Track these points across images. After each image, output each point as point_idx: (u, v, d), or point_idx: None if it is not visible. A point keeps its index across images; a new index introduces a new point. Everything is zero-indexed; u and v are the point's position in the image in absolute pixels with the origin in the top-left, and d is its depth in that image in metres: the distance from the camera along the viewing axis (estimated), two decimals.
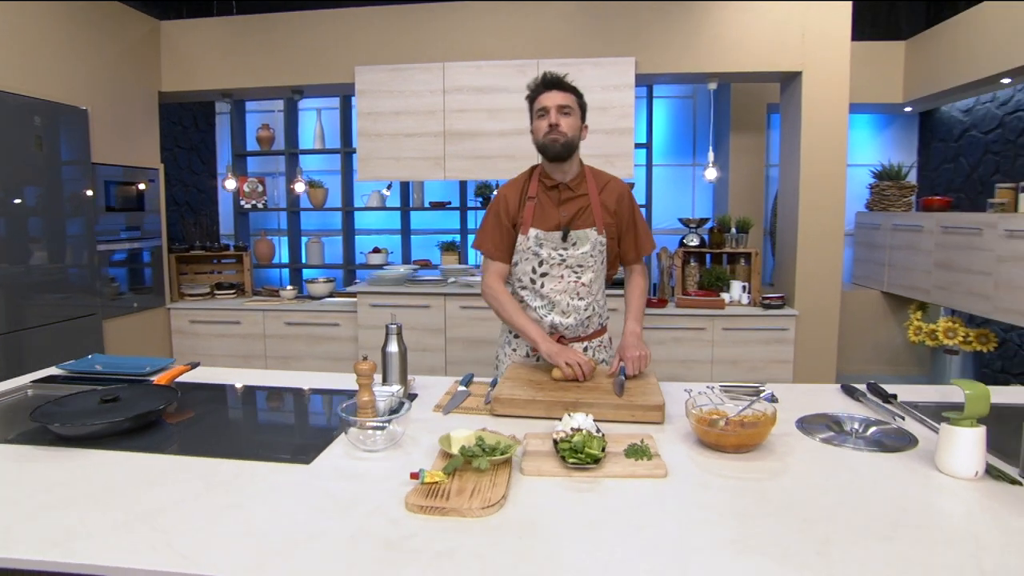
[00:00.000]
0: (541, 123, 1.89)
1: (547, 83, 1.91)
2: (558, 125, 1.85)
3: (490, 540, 1.03)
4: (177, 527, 1.06)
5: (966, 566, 0.97)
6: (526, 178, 2.01)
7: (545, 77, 1.93)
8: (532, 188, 1.97)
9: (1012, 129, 4.10)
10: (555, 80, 1.91)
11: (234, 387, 1.91)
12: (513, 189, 2.00)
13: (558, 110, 1.86)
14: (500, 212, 1.98)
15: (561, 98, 1.88)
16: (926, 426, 1.57)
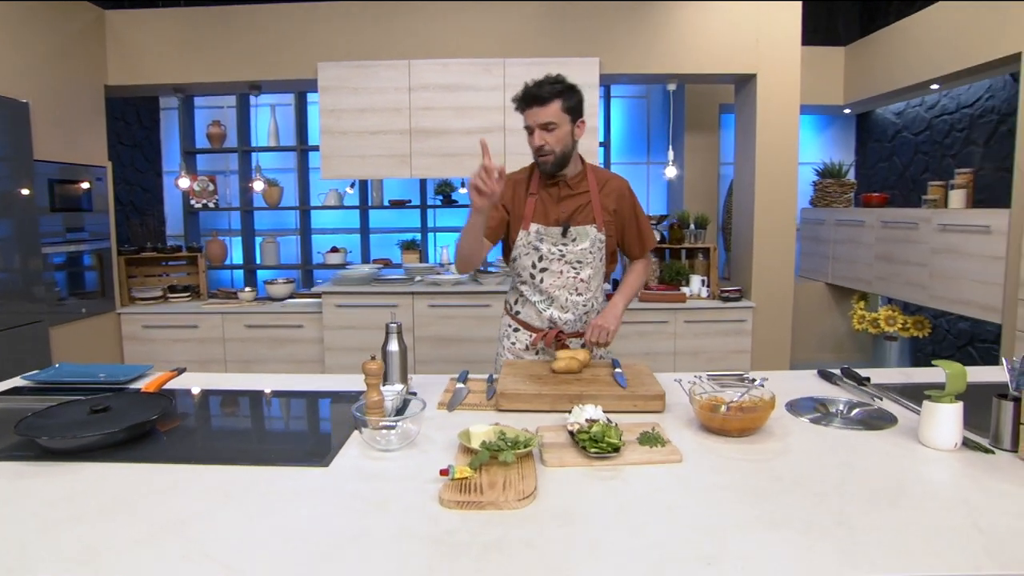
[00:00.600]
0: (530, 140, 1.90)
1: (527, 99, 1.86)
2: (544, 145, 1.85)
3: (533, 530, 1.06)
4: (209, 537, 1.03)
5: (964, 526, 1.07)
6: (527, 173, 2.03)
7: (526, 92, 1.87)
8: (534, 185, 1.99)
9: (938, 131, 4.42)
10: (534, 95, 1.85)
11: (221, 392, 1.86)
12: (517, 181, 2.01)
13: (542, 129, 1.85)
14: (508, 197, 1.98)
15: (543, 115, 1.84)
16: (901, 405, 1.69)
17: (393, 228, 5.23)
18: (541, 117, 1.85)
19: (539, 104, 1.84)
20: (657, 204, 5.36)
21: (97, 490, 1.21)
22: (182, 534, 1.04)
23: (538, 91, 1.85)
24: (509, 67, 3.75)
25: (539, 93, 1.84)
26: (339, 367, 3.88)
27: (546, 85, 1.86)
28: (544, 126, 1.85)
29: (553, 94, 1.85)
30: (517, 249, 2.01)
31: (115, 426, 1.42)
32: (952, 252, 3.60)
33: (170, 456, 1.37)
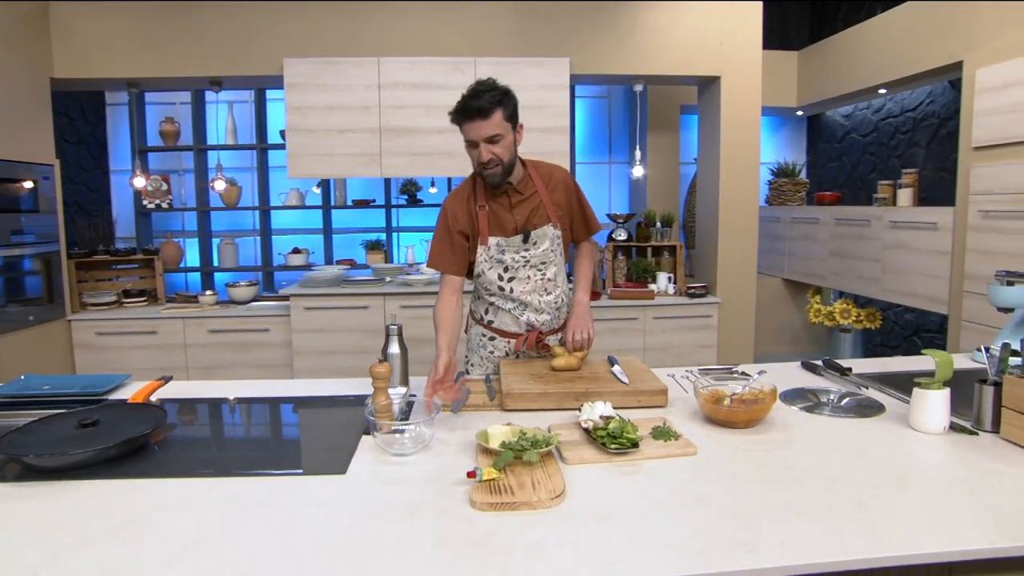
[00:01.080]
0: (472, 153, 1.80)
1: (467, 112, 1.72)
2: (492, 159, 1.76)
3: (571, 528, 1.06)
4: (237, 553, 0.99)
5: (971, 503, 1.14)
6: (470, 187, 1.94)
7: (465, 106, 1.72)
8: (480, 196, 1.91)
9: (884, 133, 4.66)
10: (475, 108, 1.70)
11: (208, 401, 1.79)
12: (458, 202, 1.93)
13: (487, 142, 1.74)
14: (450, 227, 1.92)
15: (487, 128, 1.72)
16: (885, 393, 1.78)
17: (356, 228, 5.14)
18: (485, 131, 1.72)
19: (481, 117, 1.71)
20: (620, 203, 5.45)
21: (103, 510, 1.14)
22: (207, 551, 1.00)
23: (479, 103, 1.70)
24: (480, 66, 3.74)
25: (480, 105, 1.70)
26: (308, 371, 3.79)
27: (485, 94, 1.71)
28: (490, 139, 1.74)
29: (494, 103, 1.71)
30: (480, 265, 1.96)
31: (108, 441, 1.35)
32: (902, 248, 3.81)
33: (172, 470, 1.31)
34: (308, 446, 1.49)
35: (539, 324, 2.03)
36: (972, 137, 3.26)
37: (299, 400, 1.80)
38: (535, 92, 3.79)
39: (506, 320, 2.03)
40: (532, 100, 3.82)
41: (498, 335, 2.05)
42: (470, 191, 1.94)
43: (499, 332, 2.05)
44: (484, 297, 2.04)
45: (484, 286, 2.01)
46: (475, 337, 2.12)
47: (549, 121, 3.86)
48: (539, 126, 3.84)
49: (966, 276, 3.31)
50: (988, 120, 3.17)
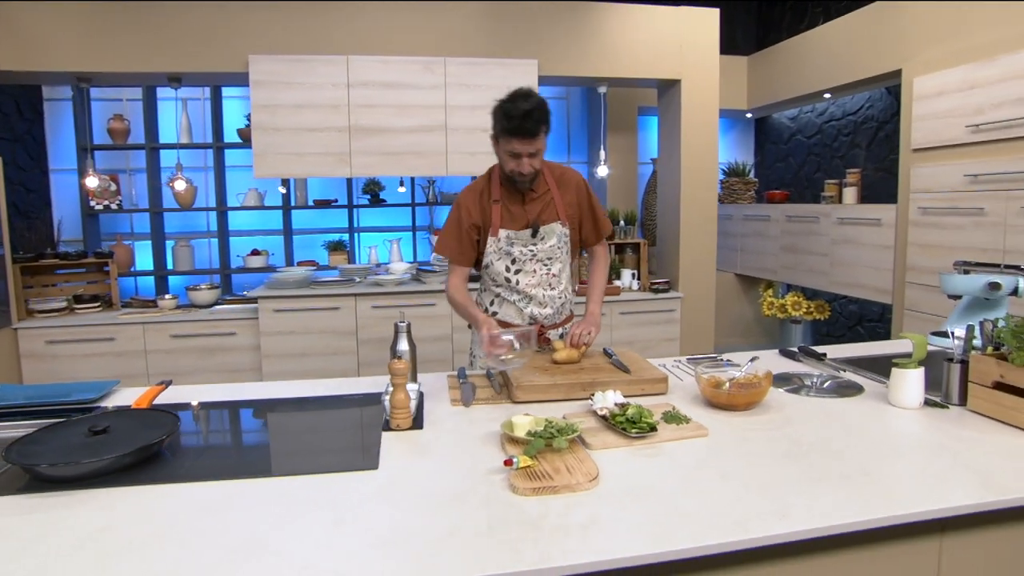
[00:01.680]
0: (510, 162, 1.90)
1: (521, 132, 1.82)
2: (529, 172, 1.90)
3: (614, 506, 1.13)
4: (299, 549, 1.00)
5: (957, 467, 1.28)
6: (485, 183, 2.05)
7: (522, 123, 1.81)
8: (495, 191, 2.01)
9: (828, 135, 4.96)
10: (528, 129, 1.82)
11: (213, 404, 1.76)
12: (472, 196, 2.04)
13: (529, 157, 1.87)
14: (461, 219, 2.02)
15: (533, 145, 1.85)
16: (859, 375, 1.93)
17: (317, 229, 5.05)
18: (531, 147, 1.86)
19: (532, 136, 1.84)
20: None
21: (140, 516, 1.12)
22: (267, 549, 1.00)
23: (531, 125, 1.82)
24: (450, 66, 3.76)
25: (533, 128, 1.83)
26: (278, 374, 3.72)
27: (534, 113, 1.82)
28: (533, 154, 1.88)
29: (540, 123, 1.85)
30: (488, 256, 2.05)
31: (124, 448, 1.31)
32: (849, 243, 4.07)
33: (197, 474, 1.28)
34: (329, 445, 1.49)
35: (542, 318, 2.10)
36: (911, 140, 3.52)
37: (300, 401, 1.78)
38: (504, 92, 3.83)
39: (510, 312, 2.11)
40: None
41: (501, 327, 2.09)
42: (484, 186, 2.04)
43: (503, 324, 2.10)
44: (491, 288, 2.12)
45: (492, 277, 2.09)
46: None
47: None
48: None
49: (908, 268, 3.58)
50: (925, 124, 3.44)
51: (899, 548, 1.17)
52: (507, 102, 1.86)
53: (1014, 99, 2.98)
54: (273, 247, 4.91)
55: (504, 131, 1.87)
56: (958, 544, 1.21)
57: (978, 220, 3.16)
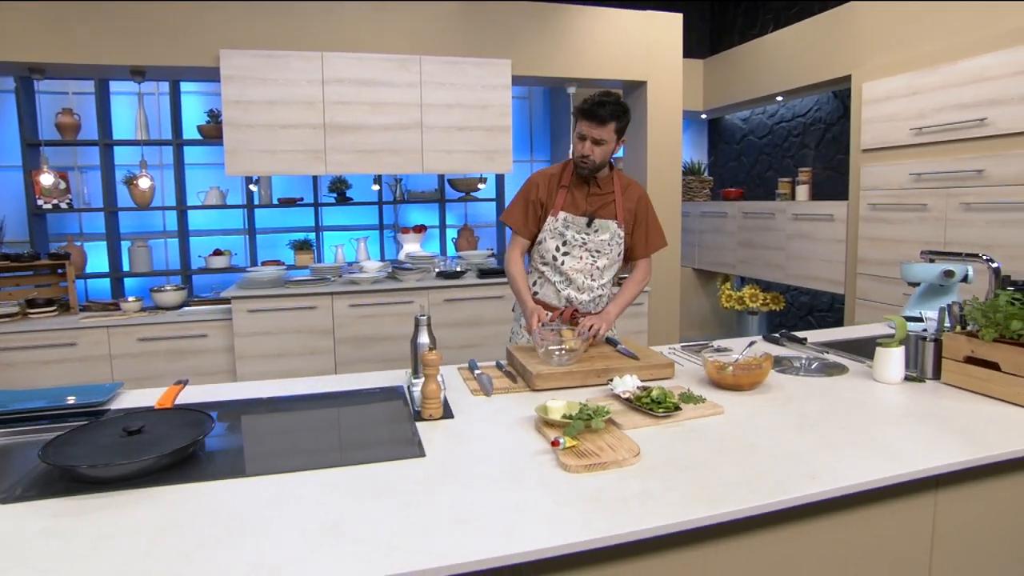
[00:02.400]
0: (576, 144, 2.09)
1: (590, 114, 2.01)
2: (590, 155, 2.07)
3: (662, 477, 1.21)
4: (379, 531, 1.03)
5: (948, 429, 1.44)
6: (560, 169, 2.23)
7: (590, 107, 2.02)
8: (566, 178, 2.19)
9: (778, 135, 5.25)
10: (597, 114, 2.01)
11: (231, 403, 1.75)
12: (546, 177, 2.22)
13: (593, 142, 2.05)
14: (529, 195, 2.20)
15: (598, 132, 2.03)
16: (841, 356, 2.10)
17: (281, 228, 4.96)
18: (596, 134, 2.03)
19: (598, 122, 2.02)
20: None
21: (202, 512, 1.11)
22: (348, 534, 1.02)
23: (602, 111, 2.01)
24: (426, 64, 3.78)
25: (602, 114, 2.01)
26: (254, 375, 3.65)
27: (608, 105, 2.02)
28: (596, 141, 2.05)
29: (611, 116, 2.02)
30: (544, 232, 2.19)
31: (164, 447, 1.31)
32: (804, 237, 4.34)
33: (242, 470, 1.29)
34: (370, 437, 1.51)
35: (577, 303, 2.22)
36: (861, 141, 3.79)
37: (319, 397, 1.79)
38: (479, 92, 3.90)
39: (549, 293, 2.24)
40: (476, 99, 3.93)
41: (540, 306, 2.20)
42: (558, 171, 2.22)
43: (540, 303, 2.22)
44: (537, 266, 2.26)
45: (541, 254, 2.22)
46: (519, 312, 2.34)
47: (492, 120, 3.98)
48: (483, 125, 3.95)
49: (859, 260, 3.85)
50: (873, 127, 3.71)
51: (902, 503, 1.32)
52: (593, 95, 2.07)
53: (953, 105, 3.26)
54: (235, 247, 4.79)
55: (577, 111, 2.06)
56: (949, 497, 1.36)
57: (922, 215, 3.44)
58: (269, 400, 1.77)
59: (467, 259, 4.37)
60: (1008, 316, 1.62)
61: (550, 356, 1.86)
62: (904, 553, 1.35)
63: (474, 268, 4.26)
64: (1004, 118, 3.07)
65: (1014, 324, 1.60)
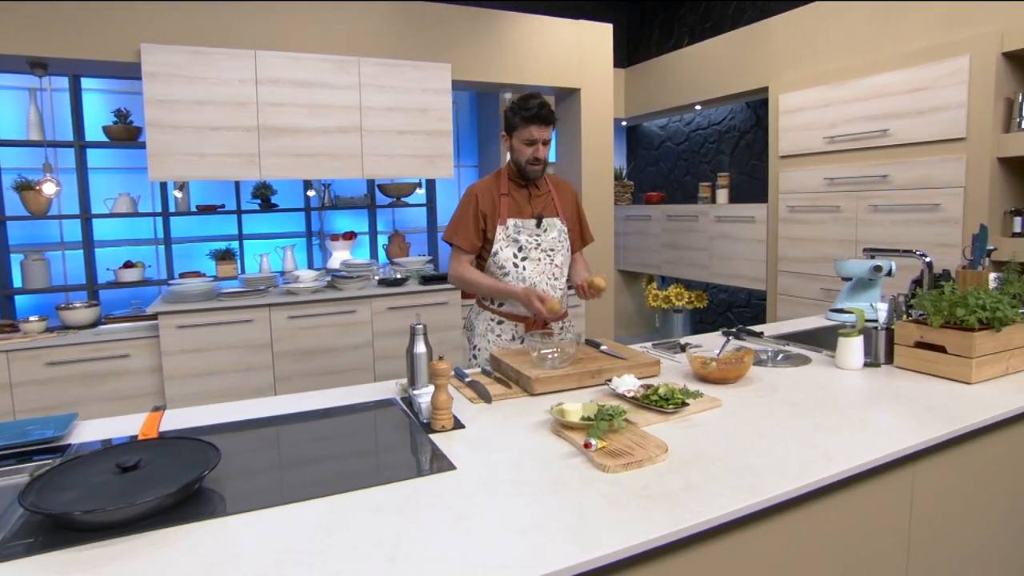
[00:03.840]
0: (525, 149, 2.13)
1: (539, 118, 2.08)
2: (542, 157, 2.14)
3: (697, 469, 1.26)
4: (438, 547, 1.00)
5: (916, 408, 1.59)
6: (494, 180, 2.25)
7: (539, 111, 2.08)
8: (503, 186, 2.22)
9: (694, 142, 5.56)
10: (545, 116, 2.09)
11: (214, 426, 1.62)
12: (484, 188, 2.23)
13: (543, 145, 2.12)
14: (474, 208, 2.19)
15: (547, 132, 2.11)
16: (801, 348, 2.26)
17: (197, 237, 4.63)
18: (546, 134, 2.12)
19: (547, 124, 2.11)
20: None
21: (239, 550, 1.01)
22: (411, 554, 0.98)
23: (548, 113, 2.10)
24: (364, 66, 3.67)
25: (547, 115, 2.09)
26: (185, 397, 3.38)
27: (547, 107, 2.10)
28: (545, 141, 2.13)
29: (552, 116, 2.13)
30: (497, 243, 2.18)
31: (169, 484, 1.17)
32: (726, 238, 4.62)
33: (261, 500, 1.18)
34: (391, 454, 1.45)
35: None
36: (779, 148, 4.10)
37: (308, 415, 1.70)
38: (419, 95, 3.84)
39: (519, 306, 2.21)
40: (416, 103, 3.87)
41: (507, 319, 2.26)
42: (493, 182, 2.24)
43: (507, 316, 2.24)
44: (499, 277, 2.23)
45: (499, 265, 2.19)
46: (483, 323, 2.29)
47: (432, 124, 3.94)
48: (424, 129, 3.90)
49: (780, 258, 4.16)
50: (789, 135, 4.03)
51: (888, 478, 1.44)
52: (521, 99, 2.13)
53: (860, 117, 3.61)
54: (147, 258, 4.41)
55: (523, 120, 2.09)
56: (925, 468, 1.51)
57: (835, 216, 3.78)
58: (258, 421, 1.65)
59: (404, 266, 4.28)
60: (953, 304, 1.82)
61: (543, 360, 1.87)
62: (891, 523, 1.48)
63: (414, 275, 4.18)
64: (903, 130, 3.44)
65: (958, 311, 1.80)
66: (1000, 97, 3.12)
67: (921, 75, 3.34)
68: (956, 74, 3.20)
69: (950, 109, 3.24)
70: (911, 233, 3.45)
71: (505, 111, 2.18)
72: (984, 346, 1.77)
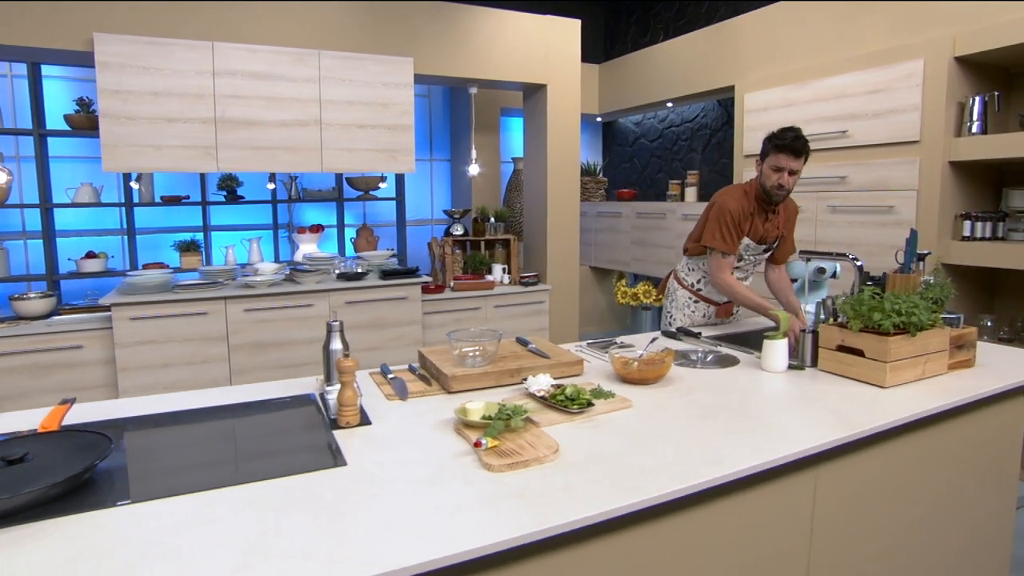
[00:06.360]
0: (772, 175, 2.32)
1: (794, 149, 2.26)
2: (786, 186, 2.32)
3: (583, 470, 1.27)
4: (307, 547, 1.00)
5: (826, 411, 1.60)
6: (743, 196, 2.43)
7: (793, 142, 2.25)
8: (750, 205, 2.43)
9: (668, 139, 5.56)
10: (799, 149, 2.26)
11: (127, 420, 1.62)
12: (740, 204, 2.42)
13: (790, 173, 2.30)
14: (738, 220, 2.41)
15: (798, 164, 2.28)
16: (733, 349, 2.28)
17: (164, 228, 4.61)
18: (796, 166, 2.29)
19: (800, 156, 2.28)
20: (442, 200, 5.66)
21: (113, 541, 1.02)
22: (277, 550, 0.99)
23: (803, 146, 2.27)
24: (324, 59, 3.65)
25: (803, 148, 2.27)
26: (139, 389, 3.37)
27: (802, 139, 2.28)
28: (793, 172, 2.30)
29: (805, 148, 2.30)
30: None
31: (54, 476, 1.18)
32: None
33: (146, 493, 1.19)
34: (286, 448, 1.45)
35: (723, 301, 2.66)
36: (744, 147, 4.11)
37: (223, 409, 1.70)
38: (380, 89, 3.82)
39: (713, 292, 2.63)
40: (377, 97, 3.85)
41: (703, 300, 2.66)
42: (743, 198, 2.42)
43: (704, 299, 2.65)
44: (701, 268, 2.61)
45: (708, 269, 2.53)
46: (681, 298, 2.70)
47: (394, 119, 3.92)
48: (385, 123, 3.89)
49: None
50: (754, 134, 4.03)
51: (789, 480, 1.46)
52: (780, 130, 2.33)
53: (821, 118, 3.62)
54: (111, 249, 4.39)
55: (776, 148, 2.30)
56: (828, 471, 1.53)
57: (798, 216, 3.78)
58: (171, 415, 1.65)
59: (368, 260, 4.28)
60: (871, 308, 1.83)
61: (464, 358, 1.88)
62: (791, 526, 1.49)
63: (376, 269, 4.18)
64: (861, 131, 3.45)
65: (875, 315, 1.81)
66: (952, 101, 3.13)
67: (878, 77, 3.35)
68: (911, 77, 3.21)
69: (905, 112, 3.25)
70: (868, 235, 3.46)
71: (764, 138, 2.37)
72: (899, 350, 1.79)
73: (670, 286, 2.79)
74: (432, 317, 4.16)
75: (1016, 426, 2.07)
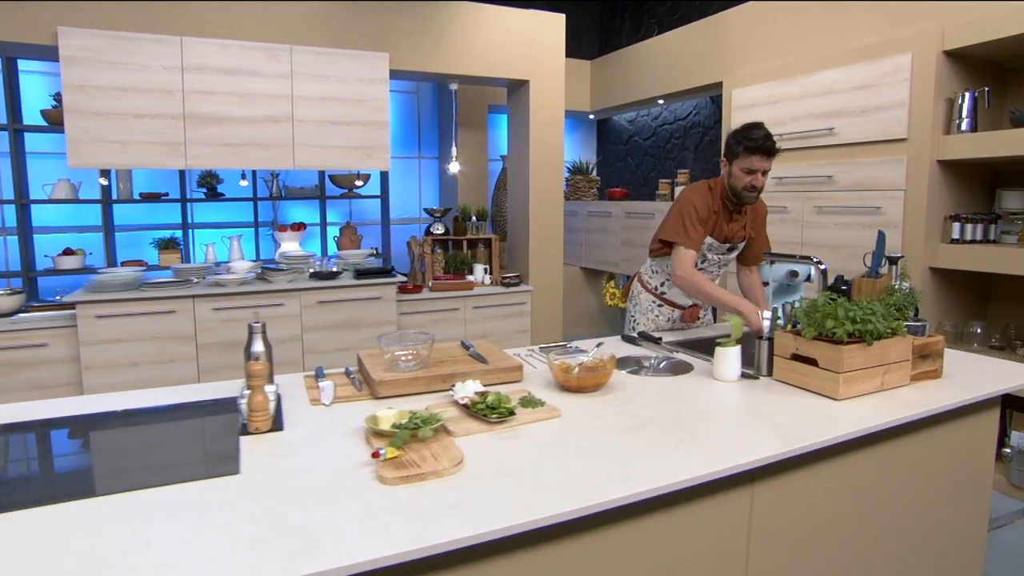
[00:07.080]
0: (744, 177, 2.25)
1: (765, 149, 2.19)
2: (759, 187, 2.26)
3: (480, 486, 1.18)
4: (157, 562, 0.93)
5: (764, 425, 1.50)
6: (708, 193, 2.36)
7: (764, 143, 2.19)
8: (716, 204, 2.36)
9: (661, 137, 5.45)
10: (770, 148, 2.20)
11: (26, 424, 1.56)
12: (705, 201, 2.35)
13: (763, 174, 2.24)
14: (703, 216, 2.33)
15: (769, 164, 2.23)
16: (690, 356, 2.17)
17: (144, 225, 4.58)
18: (768, 166, 2.24)
19: (771, 155, 2.22)
20: (430, 198, 5.59)
21: None
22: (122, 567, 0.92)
23: (773, 145, 2.20)
24: (297, 55, 3.59)
25: (771, 147, 2.20)
26: (104, 387, 3.33)
27: (770, 138, 2.21)
28: (765, 172, 2.25)
29: (775, 146, 2.23)
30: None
31: None
32: None
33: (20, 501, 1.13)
34: (179, 457, 1.39)
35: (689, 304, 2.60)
36: None
37: (137, 413, 1.63)
38: (354, 85, 3.76)
39: (677, 295, 2.56)
40: (352, 93, 3.79)
41: (666, 304, 2.59)
42: (708, 195, 2.35)
43: (668, 302, 2.58)
44: (665, 271, 2.53)
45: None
46: (644, 302, 2.63)
47: (368, 115, 3.85)
48: (359, 120, 3.82)
49: None
50: None
51: (722, 498, 1.36)
52: (745, 129, 2.24)
53: (807, 115, 3.49)
54: (90, 245, 4.36)
55: (747, 149, 2.21)
56: (765, 489, 1.43)
57: (783, 217, 3.67)
58: (81, 418, 1.58)
59: (346, 259, 4.21)
60: (824, 315, 1.72)
61: (396, 362, 1.80)
62: (724, 546, 1.39)
63: (351, 268, 4.11)
64: (847, 129, 3.32)
65: (828, 323, 1.70)
66: (941, 97, 3.00)
67: (865, 72, 3.22)
68: (898, 72, 3.08)
69: (892, 108, 3.12)
70: (853, 236, 3.34)
71: (728, 138, 2.29)
72: (853, 360, 1.68)
73: (634, 289, 2.71)
74: (409, 318, 4.09)
75: (988, 440, 1.96)
